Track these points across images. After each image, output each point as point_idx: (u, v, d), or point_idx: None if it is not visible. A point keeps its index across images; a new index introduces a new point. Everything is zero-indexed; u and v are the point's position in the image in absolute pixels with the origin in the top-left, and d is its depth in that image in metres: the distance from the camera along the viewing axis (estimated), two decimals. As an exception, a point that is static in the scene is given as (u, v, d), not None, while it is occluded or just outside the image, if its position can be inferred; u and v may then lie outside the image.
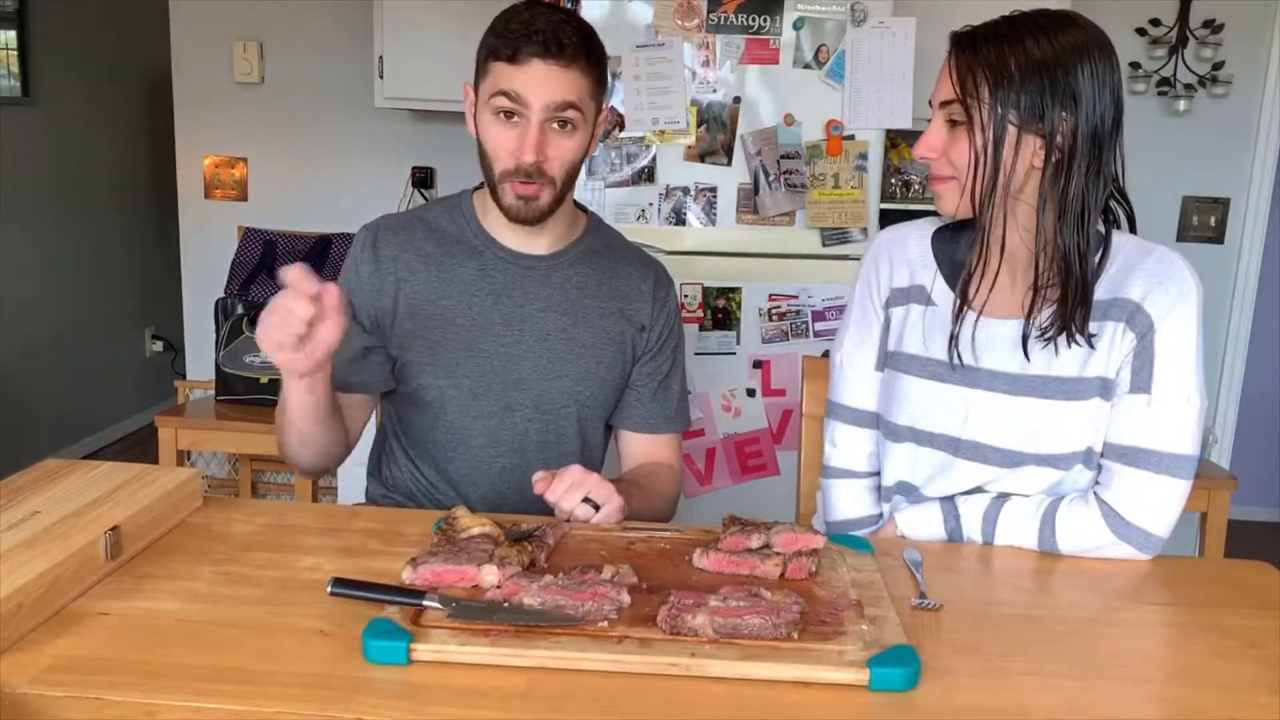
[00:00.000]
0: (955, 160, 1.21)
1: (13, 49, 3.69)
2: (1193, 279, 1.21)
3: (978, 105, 1.16)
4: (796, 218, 2.51)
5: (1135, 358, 1.21)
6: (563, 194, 1.39)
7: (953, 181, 1.22)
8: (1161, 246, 1.24)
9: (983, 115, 1.16)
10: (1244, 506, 3.54)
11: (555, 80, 1.30)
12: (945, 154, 1.22)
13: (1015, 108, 1.15)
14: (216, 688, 0.84)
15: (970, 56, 1.17)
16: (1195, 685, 0.92)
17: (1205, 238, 3.35)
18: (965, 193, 1.21)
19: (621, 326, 1.48)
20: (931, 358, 1.30)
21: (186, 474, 1.22)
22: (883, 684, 0.87)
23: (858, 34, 2.43)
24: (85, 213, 4.13)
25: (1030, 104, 1.15)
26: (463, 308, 1.42)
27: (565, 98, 1.31)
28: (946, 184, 1.23)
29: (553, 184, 1.35)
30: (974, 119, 1.17)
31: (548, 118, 1.31)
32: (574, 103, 1.32)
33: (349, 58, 3.31)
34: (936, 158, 1.23)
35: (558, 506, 1.22)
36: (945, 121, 1.21)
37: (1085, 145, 1.16)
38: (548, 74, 1.29)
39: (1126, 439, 1.22)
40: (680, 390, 1.56)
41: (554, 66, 1.29)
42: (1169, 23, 3.18)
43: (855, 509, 1.42)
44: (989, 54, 1.16)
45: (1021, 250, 1.23)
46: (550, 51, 1.29)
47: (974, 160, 1.18)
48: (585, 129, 1.36)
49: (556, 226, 1.44)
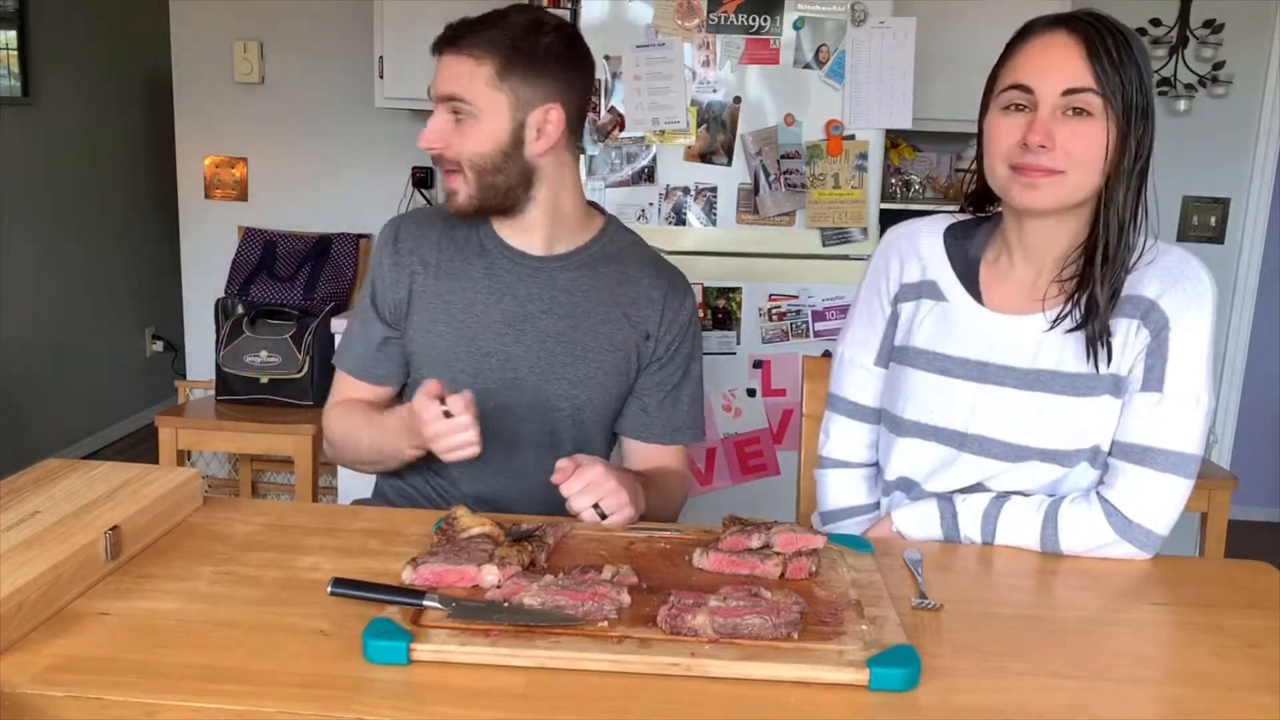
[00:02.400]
0: (1076, 153, 1.16)
1: (13, 49, 3.69)
2: (1208, 280, 1.21)
3: (1115, 102, 1.14)
4: (796, 218, 2.51)
5: (1148, 355, 1.21)
6: (486, 184, 1.37)
7: (1059, 176, 1.17)
8: (1177, 247, 1.24)
9: (1116, 113, 1.14)
10: (1244, 506, 3.54)
11: (445, 69, 1.35)
12: (1063, 146, 1.16)
13: (1136, 115, 1.15)
14: (216, 688, 0.84)
15: (1102, 51, 1.14)
16: (1195, 685, 0.92)
17: (1205, 238, 3.35)
18: (1072, 187, 1.17)
19: (626, 333, 1.46)
20: (941, 352, 1.30)
21: (186, 474, 1.22)
22: (883, 684, 0.87)
23: (858, 34, 2.43)
24: (85, 213, 4.13)
25: (1141, 111, 1.15)
26: (466, 304, 1.43)
27: (448, 88, 1.35)
28: (1051, 178, 1.17)
29: (461, 172, 1.37)
30: (1109, 115, 1.14)
31: (444, 107, 1.35)
32: (456, 92, 1.34)
33: (349, 58, 3.31)
34: (1053, 148, 1.16)
35: (568, 503, 1.23)
36: (1061, 112, 1.15)
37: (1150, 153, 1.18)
38: (442, 65, 1.36)
39: (1134, 437, 1.22)
40: (691, 402, 1.53)
41: (447, 57, 1.35)
42: (1169, 23, 3.18)
43: (847, 498, 1.43)
44: (1116, 53, 1.14)
45: (1056, 248, 1.23)
46: (447, 42, 1.35)
47: (1106, 157, 1.15)
48: (488, 120, 1.35)
49: (562, 226, 1.44)
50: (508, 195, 1.39)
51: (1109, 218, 1.18)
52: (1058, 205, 1.19)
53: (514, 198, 1.40)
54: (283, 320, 2.80)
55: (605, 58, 2.44)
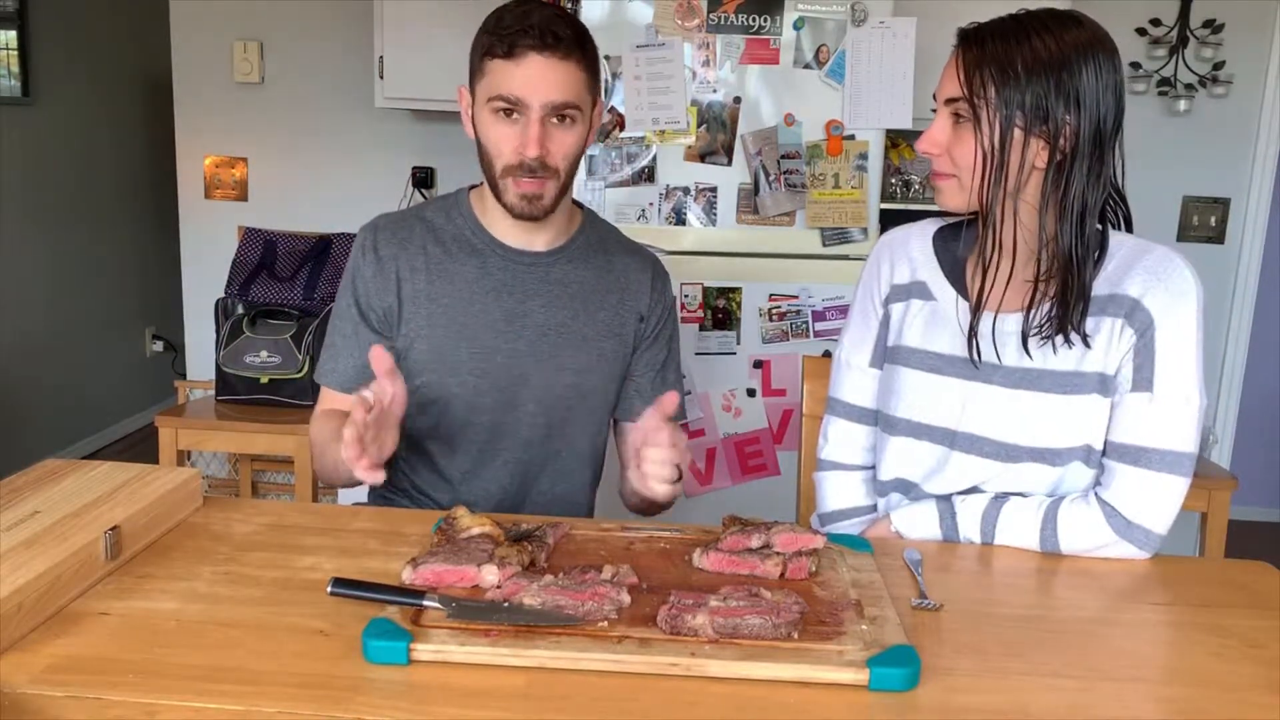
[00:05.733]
0: (958, 158, 1.21)
1: (13, 49, 3.69)
2: (1192, 277, 1.21)
3: (984, 103, 1.17)
4: (796, 218, 2.51)
5: (1136, 355, 1.21)
6: (566, 188, 1.39)
7: (953, 179, 1.23)
8: (1161, 246, 1.24)
9: (989, 114, 1.17)
10: (1244, 506, 3.55)
11: (552, 74, 1.30)
12: (948, 151, 1.22)
13: (1021, 108, 1.15)
14: (216, 688, 0.84)
15: (977, 54, 1.17)
16: (1195, 685, 0.92)
17: (1205, 238, 3.35)
18: (966, 190, 1.22)
19: (622, 317, 1.49)
20: (931, 351, 1.31)
21: (186, 474, 1.22)
22: (883, 684, 0.87)
23: (858, 34, 2.43)
24: (85, 213, 4.13)
25: (1036, 104, 1.15)
26: (463, 305, 1.43)
27: (564, 92, 1.31)
28: (947, 180, 1.24)
29: (556, 176, 1.35)
30: (980, 117, 1.17)
31: (547, 113, 1.31)
32: (572, 99, 1.32)
33: (349, 58, 3.31)
34: (939, 154, 1.23)
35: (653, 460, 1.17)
36: (950, 118, 1.21)
37: (1087, 146, 1.16)
38: (545, 68, 1.29)
39: (1128, 438, 1.22)
40: (675, 381, 1.57)
41: (551, 60, 1.29)
42: (1169, 23, 3.18)
43: (844, 500, 1.44)
44: (996, 52, 1.16)
45: (1023, 247, 1.23)
46: (546, 45, 1.29)
47: (979, 159, 1.18)
48: (584, 122, 1.36)
49: (556, 222, 1.45)
50: (563, 196, 1.40)
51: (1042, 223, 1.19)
52: (961, 205, 1.24)
53: (558, 205, 1.40)
54: (283, 320, 2.80)
55: (605, 58, 2.44)
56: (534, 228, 1.43)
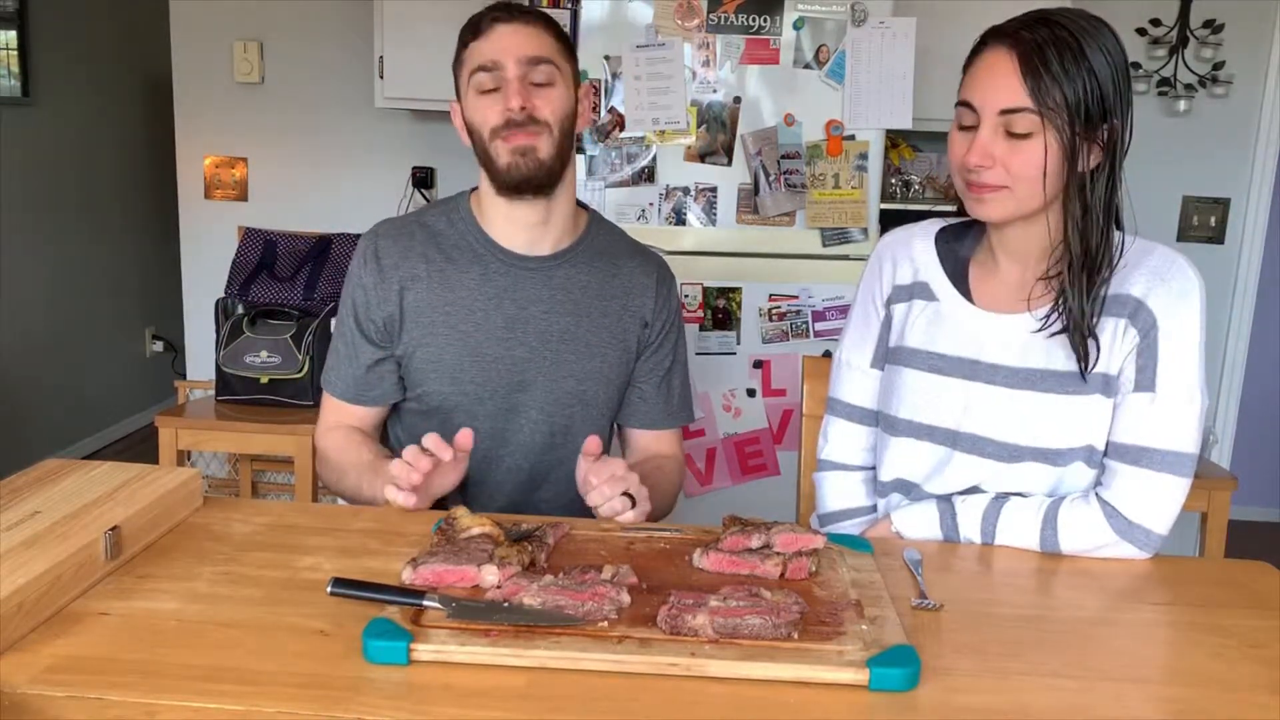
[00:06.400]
0: (1016, 168, 1.17)
1: (13, 49, 3.69)
2: (1195, 277, 1.21)
3: (1055, 113, 1.13)
4: (796, 218, 2.51)
5: (1139, 356, 1.21)
6: (562, 151, 1.38)
7: (1004, 190, 1.18)
8: (1163, 246, 1.24)
9: (1060, 122, 1.14)
10: (1244, 506, 3.54)
11: (521, 34, 1.35)
12: (1002, 162, 1.17)
13: (1087, 114, 1.14)
14: (216, 688, 0.84)
15: (1039, 62, 1.13)
16: (1195, 685, 0.92)
17: (1205, 238, 3.35)
18: (1019, 201, 1.19)
19: (625, 323, 1.48)
20: (933, 351, 1.31)
21: (187, 474, 1.22)
22: (883, 684, 0.87)
23: (858, 34, 2.43)
24: (85, 212, 4.13)
25: (1104, 109, 1.15)
26: (466, 312, 1.42)
27: (536, 48, 1.35)
28: (997, 192, 1.19)
29: (549, 132, 1.36)
30: (1055, 126, 1.14)
31: (523, 72, 1.34)
32: (545, 53, 1.35)
33: (349, 58, 3.31)
34: (992, 166, 1.18)
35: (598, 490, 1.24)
36: (1000, 128, 1.16)
37: (1120, 150, 1.17)
38: (512, 31, 1.35)
39: (1130, 438, 1.22)
40: (682, 384, 1.56)
41: (517, 25, 1.36)
42: (1169, 23, 3.18)
43: (844, 500, 1.44)
44: (1060, 59, 1.13)
45: (1035, 248, 1.23)
46: (513, 16, 1.36)
47: (1047, 168, 1.15)
48: (564, 85, 1.38)
49: (560, 225, 1.44)
50: (561, 166, 1.39)
51: (1070, 226, 1.18)
52: (1010, 216, 1.21)
53: (556, 174, 1.39)
54: (283, 320, 2.80)
55: (605, 58, 2.44)
56: (537, 228, 1.42)
